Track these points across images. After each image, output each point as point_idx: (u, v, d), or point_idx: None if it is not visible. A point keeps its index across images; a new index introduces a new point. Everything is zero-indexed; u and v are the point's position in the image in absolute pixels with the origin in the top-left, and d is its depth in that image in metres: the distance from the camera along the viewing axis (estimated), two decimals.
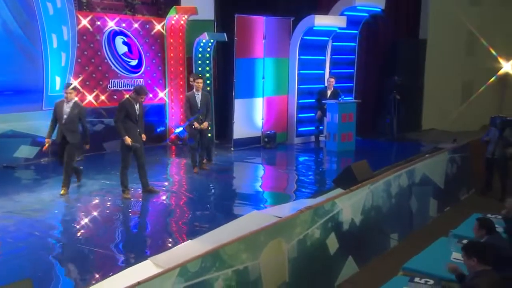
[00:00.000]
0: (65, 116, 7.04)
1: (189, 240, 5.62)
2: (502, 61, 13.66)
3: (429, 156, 10.48)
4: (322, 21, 11.51)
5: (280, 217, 6.21)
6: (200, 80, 9.45)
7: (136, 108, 7.61)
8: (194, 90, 9.36)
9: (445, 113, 14.15)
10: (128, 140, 7.42)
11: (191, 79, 10.08)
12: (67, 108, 7.11)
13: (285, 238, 6.11)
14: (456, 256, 5.55)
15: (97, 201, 7.69)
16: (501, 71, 13.91)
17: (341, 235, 7.17)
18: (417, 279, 4.83)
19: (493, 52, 13.57)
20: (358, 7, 11.91)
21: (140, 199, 7.86)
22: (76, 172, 7.75)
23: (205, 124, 9.25)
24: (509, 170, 11.44)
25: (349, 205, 7.37)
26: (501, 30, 14.25)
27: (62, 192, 7.28)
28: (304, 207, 6.45)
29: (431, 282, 4.77)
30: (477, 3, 14.61)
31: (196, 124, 9.24)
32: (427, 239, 6.38)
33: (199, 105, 9.20)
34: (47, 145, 7.20)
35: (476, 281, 4.12)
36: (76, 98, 7.43)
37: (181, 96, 12.13)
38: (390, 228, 8.69)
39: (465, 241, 5.15)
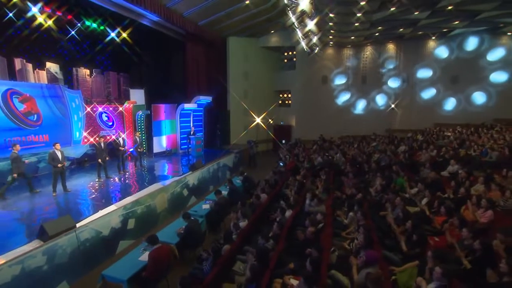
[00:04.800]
0: (60, 157, 7.33)
1: (129, 196, 6.91)
2: (256, 117, 15.75)
3: (227, 155, 12.44)
4: (187, 105, 13.21)
5: (165, 185, 7.63)
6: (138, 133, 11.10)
7: (102, 144, 8.69)
8: (136, 136, 10.64)
9: (236, 137, 15.86)
10: (99, 160, 8.59)
11: (138, 133, 11.13)
12: (59, 153, 7.33)
13: (165, 192, 7.44)
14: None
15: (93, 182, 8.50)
16: (256, 122, 15.99)
17: (189, 189, 8.64)
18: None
19: (253, 114, 15.75)
20: (201, 100, 13.70)
21: (109, 181, 8.71)
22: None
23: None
24: (256, 159, 14.24)
25: (192, 177, 8.85)
26: (257, 105, 16.57)
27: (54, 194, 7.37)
28: (173, 180, 8.10)
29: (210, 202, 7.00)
30: (246, 96, 16.60)
31: (140, 149, 10.57)
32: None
33: (138, 141, 10.48)
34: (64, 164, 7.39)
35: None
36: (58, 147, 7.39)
37: (131, 136, 11.90)
38: (209, 183, 10.13)
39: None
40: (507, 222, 5.22)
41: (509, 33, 14.57)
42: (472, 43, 15.92)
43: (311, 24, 8.85)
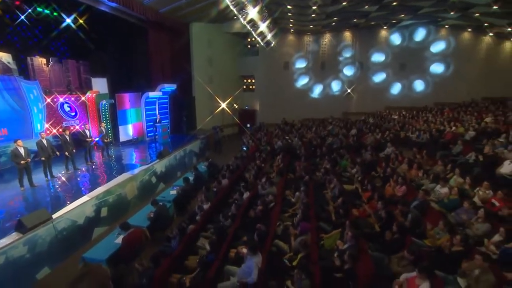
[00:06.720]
0: (24, 153, 7.33)
1: (100, 187, 7.04)
2: (221, 102, 15.95)
3: (193, 141, 12.53)
4: (152, 94, 13.33)
5: (134, 174, 7.83)
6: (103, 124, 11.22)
7: (67, 137, 8.76)
8: (102, 127, 10.99)
9: (202, 122, 15.86)
10: (66, 153, 8.62)
11: (103, 124, 11.34)
12: (22, 149, 7.33)
13: (135, 181, 7.73)
14: None
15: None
16: (221, 107, 16.28)
17: (157, 176, 8.93)
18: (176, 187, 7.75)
19: (218, 99, 15.81)
20: (166, 87, 13.73)
21: (77, 172, 8.75)
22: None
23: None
24: (222, 143, 14.55)
25: (159, 165, 9.06)
26: (222, 90, 16.16)
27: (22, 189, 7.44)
28: (141, 169, 8.27)
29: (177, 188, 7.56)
30: (211, 82, 16.34)
31: (106, 139, 10.81)
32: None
33: (104, 132, 10.75)
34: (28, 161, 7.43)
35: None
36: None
37: (96, 126, 12.20)
38: (177, 169, 10.42)
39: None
40: (416, 195, 6.66)
41: (446, 26, 16.32)
42: (418, 34, 17.59)
43: (263, 26, 9.47)
